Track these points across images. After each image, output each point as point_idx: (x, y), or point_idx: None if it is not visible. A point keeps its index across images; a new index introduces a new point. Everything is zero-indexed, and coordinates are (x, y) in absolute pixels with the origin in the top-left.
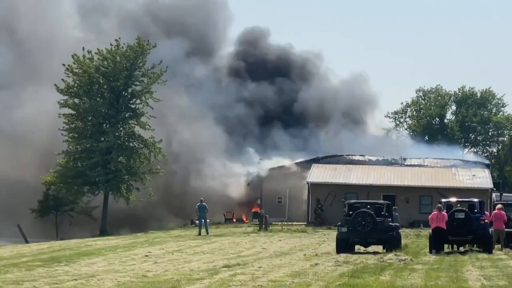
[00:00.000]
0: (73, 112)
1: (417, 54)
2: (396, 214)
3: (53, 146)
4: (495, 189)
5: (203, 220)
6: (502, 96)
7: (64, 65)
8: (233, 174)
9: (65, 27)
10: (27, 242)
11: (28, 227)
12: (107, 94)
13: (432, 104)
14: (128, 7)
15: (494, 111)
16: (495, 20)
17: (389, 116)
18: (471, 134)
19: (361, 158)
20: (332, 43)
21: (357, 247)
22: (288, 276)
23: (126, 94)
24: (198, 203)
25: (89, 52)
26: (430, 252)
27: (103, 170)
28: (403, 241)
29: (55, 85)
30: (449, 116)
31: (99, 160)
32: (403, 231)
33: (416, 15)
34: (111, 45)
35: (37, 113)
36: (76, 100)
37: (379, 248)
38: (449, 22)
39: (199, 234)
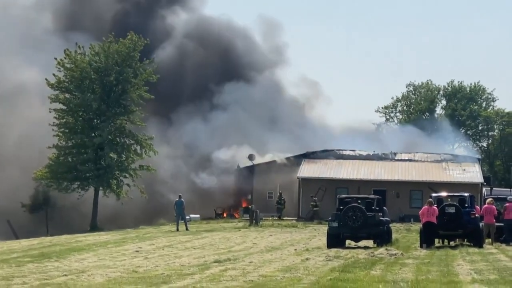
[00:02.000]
0: (63, 107)
1: (408, 48)
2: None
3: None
4: (485, 183)
5: (181, 216)
6: (492, 91)
7: (56, 59)
8: (224, 167)
9: None
10: (17, 238)
11: (18, 223)
12: (98, 90)
13: (422, 98)
14: None
15: (484, 105)
16: (484, 16)
17: (379, 111)
18: (461, 129)
19: (351, 153)
20: (325, 38)
21: (348, 241)
22: (279, 271)
23: (117, 89)
24: (176, 199)
25: (80, 47)
26: (421, 247)
27: (94, 165)
28: (393, 236)
29: (45, 79)
30: (439, 110)
31: (90, 156)
32: (394, 226)
33: (405, 10)
34: (104, 39)
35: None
36: (67, 95)
37: (369, 242)
38: (439, 17)
39: (177, 230)
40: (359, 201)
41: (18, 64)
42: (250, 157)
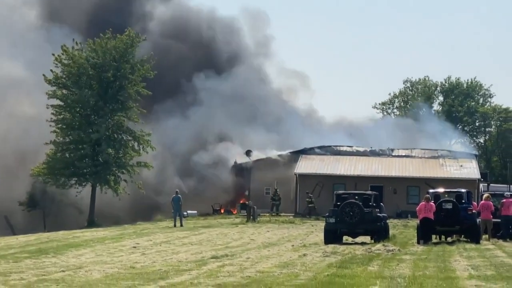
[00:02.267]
0: (61, 103)
1: (405, 45)
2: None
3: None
4: (482, 179)
5: (177, 212)
6: (489, 87)
7: (53, 55)
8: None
9: None
10: (14, 234)
11: (15, 219)
12: (95, 86)
13: (420, 94)
14: None
15: (481, 101)
16: (482, 12)
17: (376, 107)
18: (458, 125)
19: (348, 149)
20: (319, 33)
21: (345, 237)
22: (276, 267)
23: (114, 86)
24: (173, 195)
25: (78, 43)
26: (418, 243)
27: (91, 161)
28: (391, 232)
29: (43, 75)
30: (436, 106)
31: (87, 152)
32: (391, 222)
33: (403, 6)
34: (101, 35)
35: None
36: (64, 91)
37: (367, 238)
38: (436, 13)
39: (174, 226)
40: (356, 197)
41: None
42: (247, 153)
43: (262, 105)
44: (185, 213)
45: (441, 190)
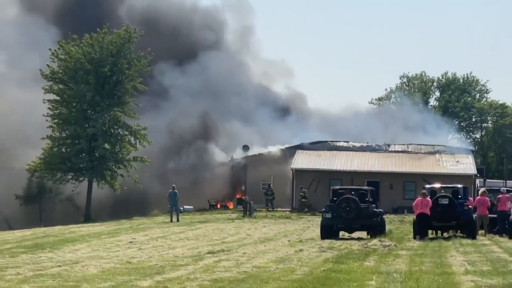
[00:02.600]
0: (57, 98)
1: (402, 40)
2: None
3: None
4: (478, 175)
5: (174, 207)
6: (485, 82)
7: (50, 49)
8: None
9: None
10: (11, 228)
11: (12, 214)
12: (92, 81)
13: (416, 90)
14: None
15: (477, 97)
16: (478, 7)
17: (373, 103)
18: (454, 120)
19: (345, 144)
20: (315, 29)
21: (341, 233)
22: (273, 262)
23: (111, 81)
24: (170, 190)
25: (75, 38)
26: (414, 238)
27: (88, 156)
28: (387, 227)
29: (40, 70)
30: (432, 102)
31: (84, 147)
32: (387, 217)
33: (400, 1)
34: (98, 30)
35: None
36: (61, 86)
37: (363, 234)
38: (432, 8)
39: (171, 221)
40: (353, 193)
41: None
42: (244, 148)
43: (241, 98)
44: (181, 208)
45: (437, 185)
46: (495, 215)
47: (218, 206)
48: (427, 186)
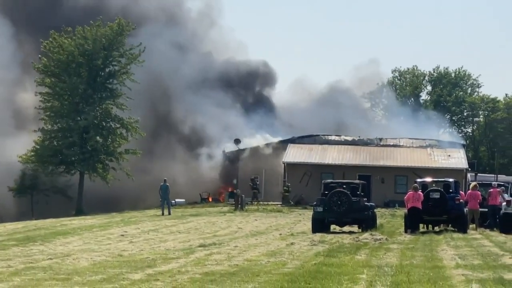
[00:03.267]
0: (49, 91)
1: (394, 34)
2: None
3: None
4: (470, 169)
5: (166, 201)
6: (477, 77)
7: (42, 41)
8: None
9: None
10: (1, 221)
11: (2, 206)
12: (84, 74)
13: (408, 84)
14: None
15: (469, 91)
16: (471, 1)
17: (365, 97)
18: (446, 114)
19: (337, 138)
20: (304, 23)
21: (332, 226)
22: (264, 256)
23: (103, 74)
24: (161, 183)
25: (68, 31)
26: (405, 232)
27: (79, 149)
28: (378, 221)
29: (32, 62)
30: (424, 96)
31: (76, 140)
32: (379, 211)
33: None
34: (91, 23)
35: None
36: (53, 79)
37: (354, 227)
38: (424, 3)
39: (162, 214)
40: (344, 186)
41: None
42: (236, 142)
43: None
44: (173, 201)
45: (428, 179)
46: (486, 209)
47: (210, 199)
48: (419, 180)
